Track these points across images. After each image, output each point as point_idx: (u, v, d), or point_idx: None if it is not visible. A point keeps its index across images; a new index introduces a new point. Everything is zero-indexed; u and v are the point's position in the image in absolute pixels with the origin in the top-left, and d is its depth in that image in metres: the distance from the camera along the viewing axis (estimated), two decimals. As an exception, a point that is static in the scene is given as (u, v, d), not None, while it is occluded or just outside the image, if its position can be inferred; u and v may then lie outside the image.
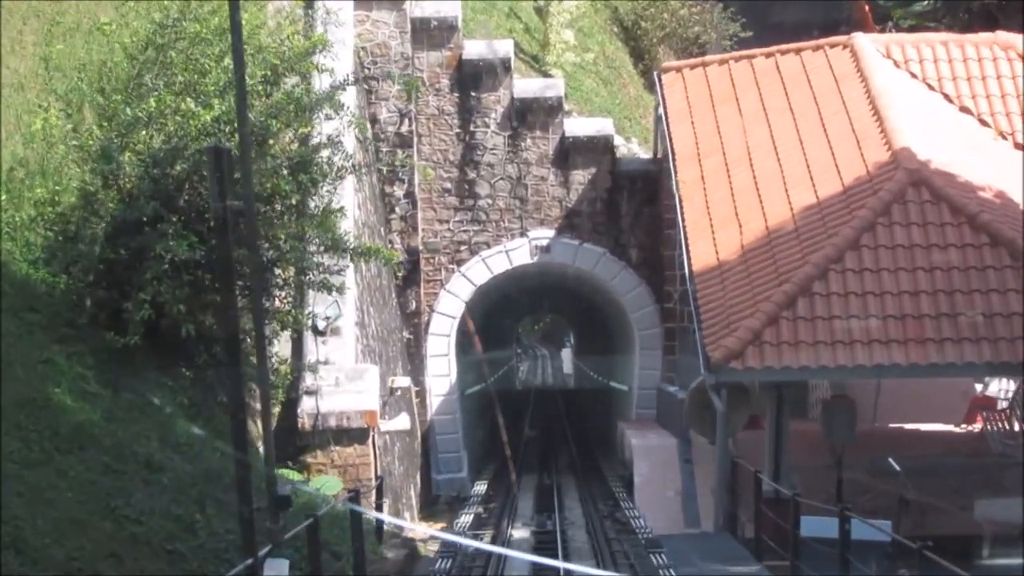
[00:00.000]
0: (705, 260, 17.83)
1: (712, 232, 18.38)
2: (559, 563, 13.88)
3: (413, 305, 25.37)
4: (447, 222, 25.57)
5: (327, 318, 14.76)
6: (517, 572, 14.68)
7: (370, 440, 14.30)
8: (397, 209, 24.93)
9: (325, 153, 13.58)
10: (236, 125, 12.22)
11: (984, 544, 16.18)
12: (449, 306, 25.73)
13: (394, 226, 25.02)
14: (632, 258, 25.57)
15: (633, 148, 26.93)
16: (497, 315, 32.16)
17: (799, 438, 16.88)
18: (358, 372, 14.61)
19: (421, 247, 25.27)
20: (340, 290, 13.94)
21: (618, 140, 26.09)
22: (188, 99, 12.43)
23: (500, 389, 35.55)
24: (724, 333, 15.96)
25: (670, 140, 21.27)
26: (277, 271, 13.15)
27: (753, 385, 16.43)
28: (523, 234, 25.60)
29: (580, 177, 25.42)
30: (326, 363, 14.67)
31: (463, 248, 25.63)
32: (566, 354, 63.53)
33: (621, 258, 25.59)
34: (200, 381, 12.93)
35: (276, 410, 14.80)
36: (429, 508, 24.60)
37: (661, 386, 24.58)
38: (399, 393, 17.05)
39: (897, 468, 15.60)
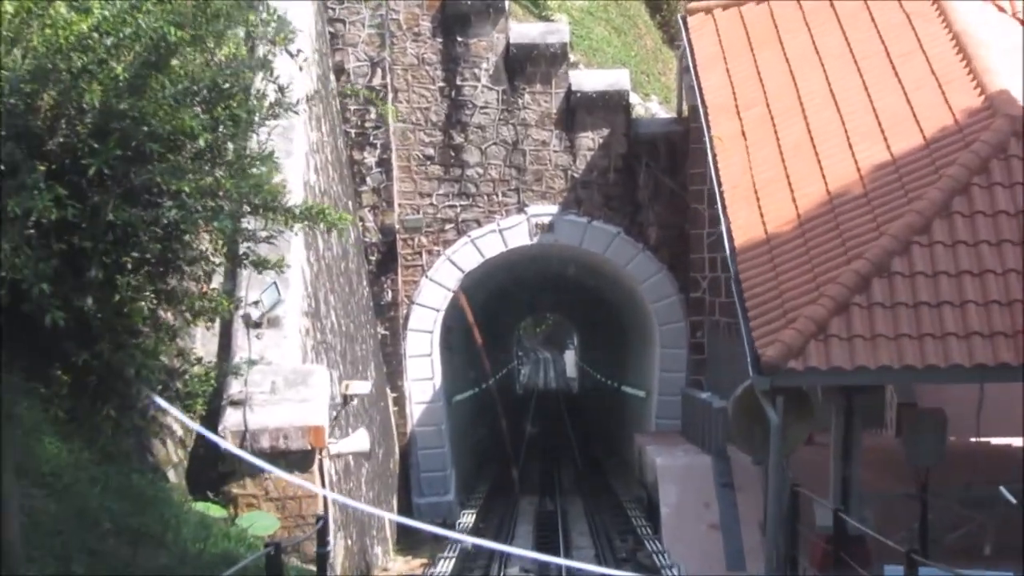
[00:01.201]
0: (749, 233, 15.32)
1: (757, 199, 15.89)
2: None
3: (389, 295, 23.08)
4: (429, 196, 23.26)
5: (256, 302, 12.10)
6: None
7: (316, 465, 11.67)
8: (368, 180, 22.57)
9: (254, 81, 10.93)
10: (122, 36, 9.63)
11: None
12: (432, 297, 23.47)
13: (365, 200, 22.66)
14: (651, 238, 23.39)
15: (652, 108, 24.53)
16: (490, 310, 29.75)
17: (871, 458, 14.34)
18: (301, 375, 11.96)
19: (398, 226, 22.97)
20: (278, 267, 11.29)
21: (634, 98, 23.86)
22: (59, 2, 9.80)
23: (497, 395, 33.82)
24: (779, 325, 13.45)
25: (700, 91, 18.79)
26: (186, 238, 10.49)
27: (815, 390, 13.83)
28: (520, 210, 23.39)
29: (589, 141, 23.12)
30: (259, 362, 12.01)
31: (448, 227, 23.37)
32: (569, 356, 64.48)
33: (638, 239, 23.40)
34: (81, 388, 10.28)
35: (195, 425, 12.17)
36: (408, 538, 22.18)
37: (688, 391, 22.27)
38: (355, 402, 14.39)
39: (1013, 499, 13.01)
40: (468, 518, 20.85)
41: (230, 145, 10.74)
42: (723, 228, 15.82)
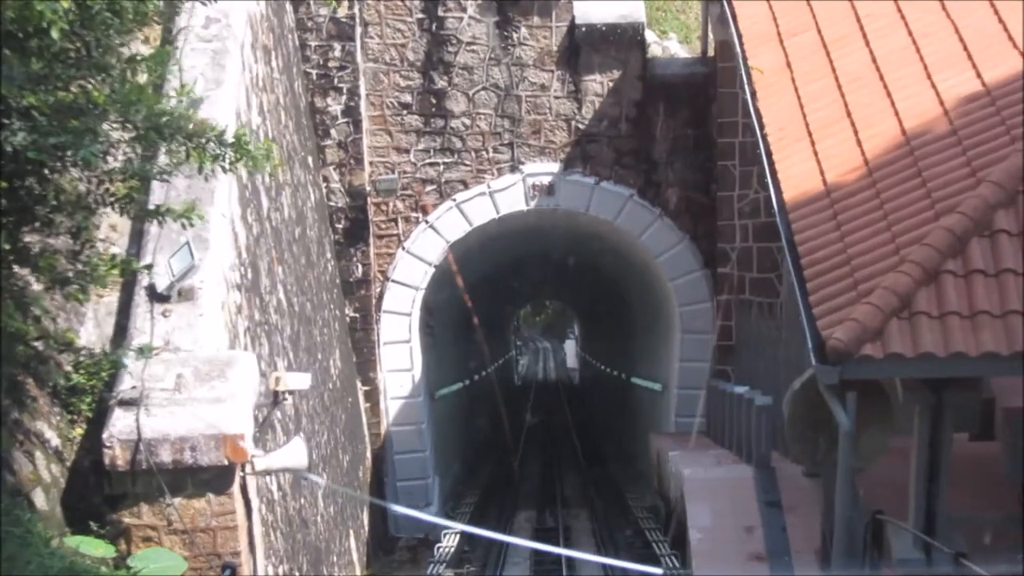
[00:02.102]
0: (804, 185, 12.97)
1: (812, 142, 13.53)
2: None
3: (359, 270, 20.88)
4: (407, 151, 21.05)
5: (149, 266, 9.59)
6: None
7: (235, 485, 9.23)
8: (333, 132, 20.27)
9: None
10: None
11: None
12: (410, 272, 21.36)
13: (329, 156, 20.34)
14: (671, 203, 21.19)
15: (671, 47, 22.21)
16: (483, 297, 27.56)
17: (961, 469, 11.93)
18: (217, 366, 9.49)
19: (369, 187, 20.76)
20: (185, 219, 8.86)
21: (650, 35, 21.52)
22: None
23: (488, 390, 32.23)
24: (848, 299, 11.07)
25: (733, 16, 16.42)
26: (50, 175, 8.05)
27: (894, 384, 11.41)
28: (515, 169, 21.22)
29: (597, 85, 20.91)
30: (162, 348, 9.57)
31: (430, 189, 21.15)
32: (570, 346, 65.46)
33: (655, 203, 21.24)
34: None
35: (76, 432, 9.75)
36: (382, 558, 20.05)
37: (716, 385, 20.06)
38: (289, 400, 11.84)
39: None
40: (451, 540, 18.45)
41: (115, 52, 8.29)
42: (769, 180, 13.41)
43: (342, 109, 20.12)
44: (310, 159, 19.33)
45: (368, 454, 21.06)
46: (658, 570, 14.17)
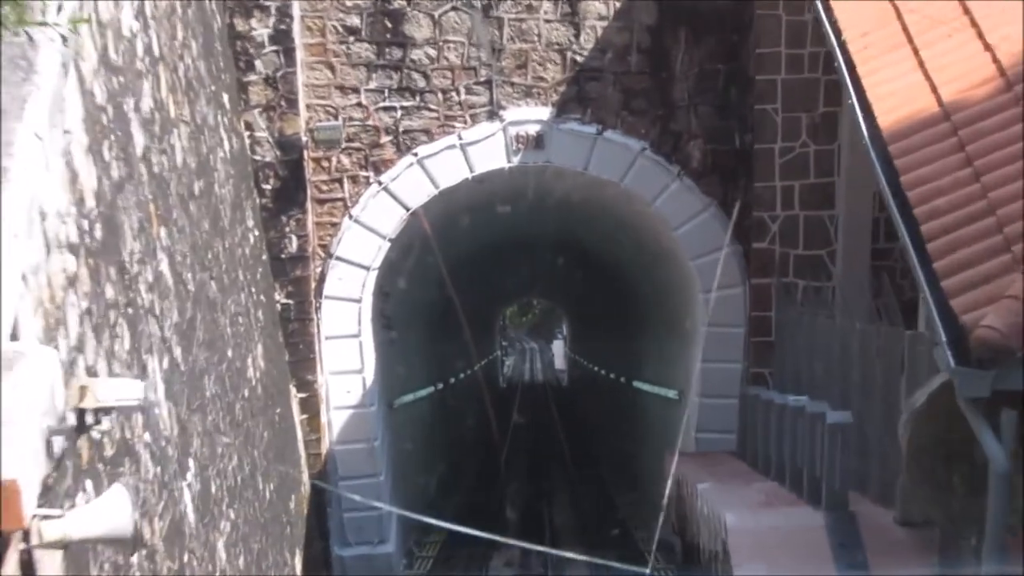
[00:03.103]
0: (904, 106, 9.99)
1: (915, 50, 10.50)
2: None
3: (293, 244, 18.10)
4: (355, 91, 18.05)
5: None
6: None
7: (12, 567, 5.99)
8: (259, 64, 17.40)
9: None
10: None
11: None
12: (359, 247, 18.61)
13: (254, 97, 17.49)
14: (694, 158, 18.28)
15: (693, -38, 19.35)
16: (460, 291, 24.98)
17: None
18: (-14, 366, 6.28)
19: (306, 138, 17.93)
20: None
21: None
22: None
23: (468, 394, 30.12)
24: (999, 268, 8.13)
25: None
26: None
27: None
28: (494, 115, 18.24)
29: (600, 6, 18.00)
30: None
31: (385, 141, 18.16)
32: (558, 346, 67.38)
33: (673, 159, 18.31)
34: None
35: None
36: (322, 615, 17.17)
37: (751, 392, 17.31)
38: (107, 424, 8.34)
39: None
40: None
41: None
42: (853, 101, 10.27)
43: (270, 34, 17.09)
44: (226, 97, 16.14)
45: (304, 480, 18.03)
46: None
